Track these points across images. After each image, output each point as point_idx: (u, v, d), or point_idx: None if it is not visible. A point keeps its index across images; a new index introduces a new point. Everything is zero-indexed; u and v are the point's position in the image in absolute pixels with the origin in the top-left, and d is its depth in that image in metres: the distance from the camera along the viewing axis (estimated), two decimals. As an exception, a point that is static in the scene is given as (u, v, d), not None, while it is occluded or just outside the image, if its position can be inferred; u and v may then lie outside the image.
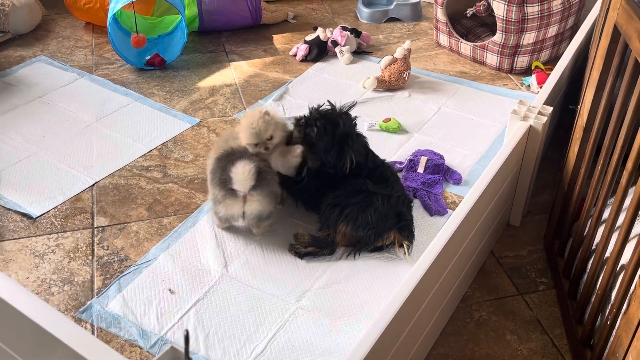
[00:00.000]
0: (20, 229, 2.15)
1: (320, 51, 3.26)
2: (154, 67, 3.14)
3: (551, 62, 3.09)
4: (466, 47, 3.25)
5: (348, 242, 2.03)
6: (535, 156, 2.08)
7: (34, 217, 2.20)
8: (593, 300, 1.67)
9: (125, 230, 2.16)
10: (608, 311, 1.56)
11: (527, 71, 3.14)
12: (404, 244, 2.00)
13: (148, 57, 3.15)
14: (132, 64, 3.14)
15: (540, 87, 2.80)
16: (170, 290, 1.92)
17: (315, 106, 2.12)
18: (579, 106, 1.95)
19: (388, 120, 2.69)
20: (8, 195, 2.29)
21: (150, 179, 2.39)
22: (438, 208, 2.25)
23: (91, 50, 3.33)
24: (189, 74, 3.12)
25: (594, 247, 1.78)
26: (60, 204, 2.26)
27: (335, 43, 3.26)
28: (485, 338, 1.84)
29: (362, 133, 2.18)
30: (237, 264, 2.01)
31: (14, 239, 2.11)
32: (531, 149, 2.07)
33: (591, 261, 1.74)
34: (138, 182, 2.38)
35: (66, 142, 2.58)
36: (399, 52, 2.95)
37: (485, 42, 3.15)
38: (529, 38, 3.02)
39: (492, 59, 3.15)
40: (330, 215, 2.04)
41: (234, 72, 3.15)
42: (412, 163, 2.44)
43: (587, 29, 2.54)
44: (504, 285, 2.02)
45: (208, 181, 2.08)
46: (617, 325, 1.47)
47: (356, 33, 3.34)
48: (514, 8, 2.91)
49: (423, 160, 2.41)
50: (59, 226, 2.17)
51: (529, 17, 2.94)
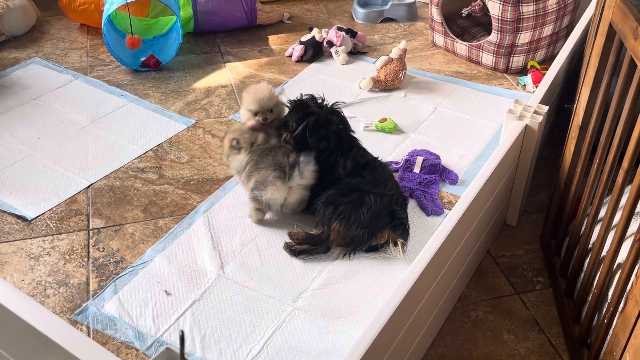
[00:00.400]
0: (15, 231, 2.14)
1: (315, 52, 3.26)
2: (149, 69, 3.13)
3: (547, 62, 3.09)
4: (462, 47, 3.25)
5: (342, 241, 2.03)
6: (531, 155, 2.08)
7: (29, 219, 2.19)
8: (590, 299, 1.67)
9: (120, 231, 2.15)
10: (605, 310, 1.56)
11: (523, 71, 3.14)
12: (398, 242, 2.00)
13: (143, 59, 3.15)
14: (127, 66, 3.13)
15: (536, 87, 2.80)
16: (166, 291, 1.91)
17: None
18: (575, 105, 1.95)
19: (384, 120, 2.69)
20: (3, 197, 2.28)
21: (145, 181, 2.39)
22: (434, 208, 2.25)
23: (86, 51, 3.32)
24: (184, 75, 3.11)
25: (591, 246, 1.78)
26: (55, 206, 2.25)
27: (330, 43, 3.26)
28: (482, 338, 1.83)
29: (353, 130, 2.24)
30: (233, 265, 2.01)
31: (9, 241, 2.10)
32: (527, 149, 2.07)
33: (588, 260, 1.74)
34: (133, 184, 2.37)
35: (61, 144, 2.58)
36: (395, 52, 2.95)
37: (480, 42, 3.15)
38: (525, 37, 3.02)
39: (488, 59, 3.15)
40: (324, 213, 2.04)
41: (230, 73, 3.14)
42: (409, 163, 2.43)
43: (583, 28, 2.54)
44: (501, 284, 2.01)
45: (245, 172, 2.12)
46: (614, 323, 1.47)
47: (352, 33, 3.34)
48: (509, 7, 2.91)
49: (419, 160, 2.41)
50: (54, 228, 2.16)
51: (524, 17, 2.94)
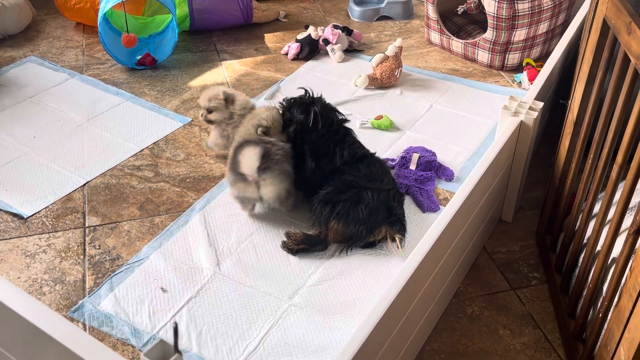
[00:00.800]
0: (11, 229, 2.14)
1: (311, 50, 3.26)
2: (145, 67, 3.13)
3: (542, 59, 3.10)
4: (457, 45, 3.25)
5: (340, 239, 2.03)
6: (526, 151, 2.09)
7: (25, 217, 2.19)
8: (585, 294, 1.68)
9: (116, 229, 2.15)
10: (600, 304, 1.56)
11: (518, 68, 3.15)
12: (396, 238, 2.00)
13: (139, 57, 3.15)
14: (123, 64, 3.13)
15: (531, 84, 2.80)
16: (162, 288, 1.91)
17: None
18: (570, 101, 1.95)
19: (380, 117, 2.69)
20: (-1, 195, 2.28)
21: (141, 178, 2.39)
22: (430, 205, 2.25)
23: (82, 50, 3.32)
24: (180, 74, 3.11)
25: (585, 242, 1.79)
26: (51, 204, 2.25)
27: (326, 41, 3.26)
28: (478, 333, 1.84)
29: (351, 129, 2.27)
30: (230, 262, 2.01)
31: (5, 239, 2.10)
32: (522, 145, 2.07)
33: (582, 255, 1.74)
34: (129, 182, 2.37)
35: (57, 142, 2.57)
36: (391, 50, 2.96)
37: (476, 40, 3.16)
38: (520, 35, 3.03)
39: (483, 56, 3.16)
40: (322, 212, 2.04)
41: (226, 71, 3.14)
42: (404, 160, 2.44)
43: (578, 25, 2.55)
44: (497, 280, 2.02)
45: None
46: (609, 318, 1.48)
47: (347, 31, 3.34)
48: (505, 5, 2.92)
49: (415, 157, 2.41)
50: (50, 226, 2.16)
51: (520, 14, 2.95)
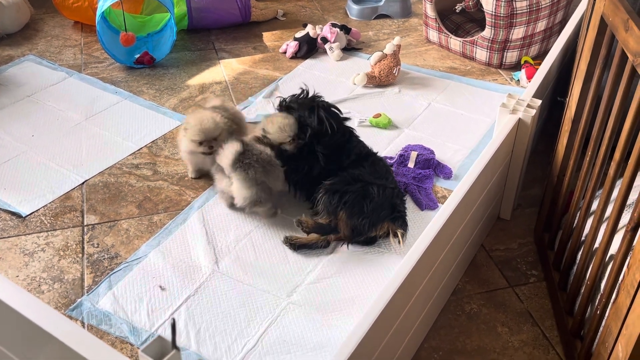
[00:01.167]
0: (9, 228, 2.14)
1: (310, 48, 3.26)
2: (144, 66, 3.13)
3: (540, 57, 3.09)
4: (456, 43, 3.25)
5: (345, 229, 2.04)
6: (524, 149, 2.09)
7: (24, 216, 2.19)
8: (583, 291, 1.68)
9: (115, 227, 2.15)
10: (597, 301, 1.56)
11: (517, 66, 3.15)
12: (398, 232, 2.01)
13: (137, 56, 3.15)
14: (122, 63, 3.13)
15: (529, 82, 2.81)
16: (160, 287, 1.91)
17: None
18: (568, 98, 1.95)
19: (378, 115, 2.69)
20: (-3, 194, 2.28)
21: (140, 177, 2.39)
22: (429, 202, 2.25)
23: (80, 49, 3.32)
24: (179, 72, 3.11)
25: (583, 239, 1.79)
26: (49, 203, 2.25)
27: (325, 40, 3.26)
28: (476, 330, 1.84)
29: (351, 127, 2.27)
30: (228, 260, 2.01)
31: (3, 238, 2.10)
32: (520, 142, 2.07)
33: (580, 252, 1.75)
34: (128, 180, 2.37)
35: (55, 141, 2.57)
36: (389, 48, 2.96)
37: (474, 38, 3.16)
38: (518, 33, 3.03)
39: (482, 54, 3.16)
40: (330, 201, 2.05)
41: (224, 70, 3.14)
42: (403, 158, 2.44)
43: (576, 23, 2.55)
44: (495, 278, 2.02)
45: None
46: (607, 315, 1.48)
47: (346, 30, 3.35)
48: (503, 3, 2.92)
49: (413, 155, 2.42)
50: (49, 224, 2.16)
51: (518, 12, 2.95)
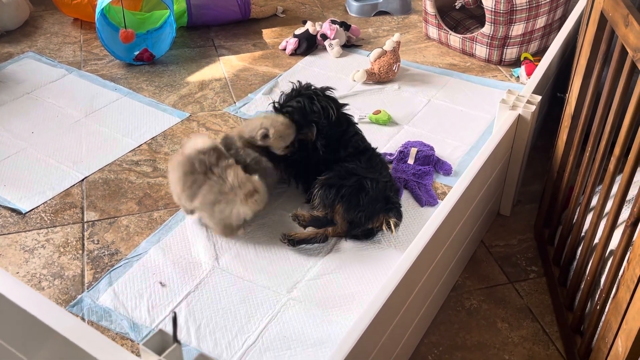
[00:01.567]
0: (9, 224, 2.14)
1: (309, 45, 3.26)
2: (143, 62, 3.13)
3: (540, 54, 3.09)
4: (455, 39, 3.25)
5: (342, 222, 2.04)
6: (524, 145, 2.09)
7: (24, 213, 2.19)
8: (583, 286, 1.68)
9: (115, 224, 2.15)
10: (597, 296, 1.57)
11: (516, 62, 3.15)
12: (391, 222, 2.02)
13: (137, 53, 3.15)
14: (121, 60, 3.12)
15: (529, 78, 2.80)
16: (161, 283, 1.91)
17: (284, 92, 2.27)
18: (567, 94, 1.96)
19: (378, 112, 2.69)
20: (-3, 191, 2.28)
21: (140, 174, 2.39)
22: (428, 199, 2.25)
23: (80, 46, 3.31)
24: (178, 69, 3.11)
25: (583, 234, 1.79)
26: (49, 199, 2.25)
27: (324, 36, 3.26)
28: (476, 326, 1.84)
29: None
30: (228, 257, 2.01)
31: (3, 235, 2.10)
32: (520, 138, 2.07)
33: (580, 248, 1.75)
34: (128, 177, 2.37)
35: (55, 138, 2.57)
36: (389, 45, 2.96)
37: (474, 34, 3.15)
38: (518, 29, 3.03)
39: (481, 51, 3.16)
40: (327, 195, 2.05)
41: (224, 67, 3.14)
42: (402, 154, 2.44)
43: (576, 19, 2.55)
44: (495, 273, 2.02)
45: None
46: (607, 310, 1.48)
47: (345, 26, 3.34)
48: (503, -1, 2.92)
49: (413, 151, 2.42)
50: (49, 221, 2.16)
51: (518, 9, 2.95)
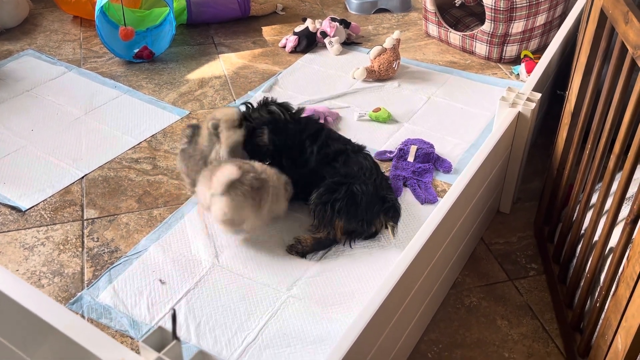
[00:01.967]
0: (9, 222, 2.14)
1: (309, 42, 3.26)
2: (143, 60, 3.13)
3: (540, 51, 3.09)
4: (455, 37, 3.25)
5: (341, 235, 2.03)
6: (524, 143, 2.09)
7: (23, 210, 2.19)
8: (582, 284, 1.68)
9: (115, 222, 2.15)
10: (597, 294, 1.57)
11: (516, 60, 3.15)
12: (389, 225, 2.01)
13: (136, 50, 3.14)
14: (121, 57, 3.12)
15: (529, 76, 2.80)
16: (160, 280, 1.91)
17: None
18: (567, 92, 1.95)
19: (378, 110, 2.69)
20: (-3, 188, 2.28)
21: (139, 171, 2.39)
22: (428, 196, 2.25)
23: (79, 43, 3.31)
24: (178, 67, 3.11)
25: (583, 232, 1.79)
26: (49, 197, 2.25)
27: (324, 34, 3.26)
28: (476, 323, 1.84)
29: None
30: (228, 254, 2.01)
31: (3, 232, 2.10)
32: (520, 136, 2.07)
33: (580, 245, 1.75)
34: (128, 174, 2.37)
35: (55, 136, 2.57)
36: (388, 43, 2.95)
37: (474, 32, 3.15)
38: (518, 27, 3.03)
39: (481, 49, 3.15)
40: (324, 214, 2.02)
41: (223, 64, 3.14)
42: (402, 152, 2.44)
43: (576, 17, 2.54)
44: (495, 271, 2.02)
45: None
46: (606, 307, 1.48)
47: (345, 24, 3.34)
48: (503, -3, 2.92)
49: (413, 149, 2.42)
50: (49, 219, 2.16)
51: (518, 6, 2.95)
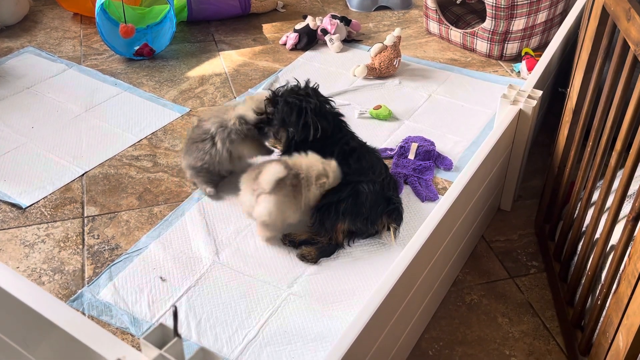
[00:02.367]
0: (9, 219, 2.14)
1: (310, 40, 3.25)
2: (143, 57, 3.12)
3: (541, 49, 3.08)
4: (456, 34, 3.25)
5: (341, 236, 2.02)
6: (525, 140, 2.08)
7: (24, 207, 2.18)
8: (583, 281, 1.68)
9: (115, 219, 2.15)
10: (598, 292, 1.57)
11: (517, 57, 3.14)
12: (391, 227, 2.01)
13: (137, 47, 3.14)
14: (121, 54, 3.12)
15: (530, 73, 2.80)
16: (161, 278, 1.91)
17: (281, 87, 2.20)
18: (569, 89, 1.95)
19: (379, 107, 2.69)
20: (-3, 186, 2.28)
21: (140, 168, 2.38)
22: (429, 194, 2.25)
23: (79, 41, 3.31)
24: (178, 64, 3.11)
25: (584, 229, 1.79)
26: (49, 194, 2.24)
27: (325, 31, 3.25)
28: (477, 321, 1.84)
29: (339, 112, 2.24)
30: (229, 252, 2.01)
31: (4, 229, 2.10)
32: (521, 133, 2.07)
33: (581, 243, 1.75)
34: (128, 172, 2.37)
35: (55, 133, 2.57)
36: (389, 40, 2.95)
37: (475, 29, 3.15)
38: (519, 24, 3.02)
39: (482, 46, 3.15)
40: (326, 218, 1.98)
41: (224, 62, 3.13)
42: (403, 150, 2.44)
43: (577, 14, 2.54)
44: (495, 269, 2.02)
45: None
46: (608, 305, 1.48)
47: (346, 21, 3.34)
48: (504, -6, 2.91)
49: (414, 146, 2.41)
50: (49, 216, 2.16)
51: (519, 3, 2.94)
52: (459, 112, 2.73)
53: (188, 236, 2.07)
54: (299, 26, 3.30)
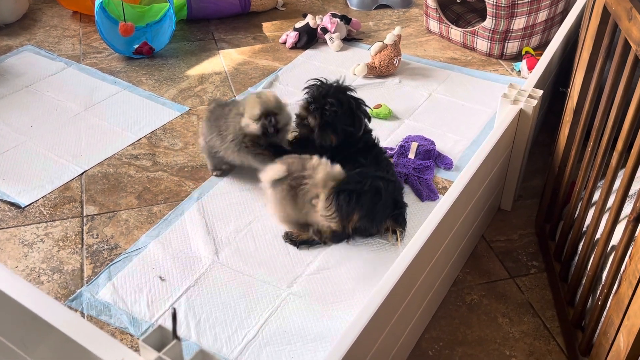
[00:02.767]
0: (8, 219, 2.13)
1: (310, 38, 3.24)
2: (143, 56, 3.12)
3: (541, 48, 3.08)
4: (456, 33, 3.24)
5: (350, 230, 2.01)
6: (525, 140, 2.08)
7: (23, 207, 2.18)
8: (584, 281, 1.68)
9: (114, 218, 2.14)
10: (599, 292, 1.56)
11: (518, 56, 3.14)
12: (397, 231, 2.00)
13: (136, 46, 3.13)
14: (121, 53, 3.11)
15: (530, 73, 2.79)
16: (160, 277, 1.91)
17: (311, 87, 2.19)
18: (569, 88, 1.94)
19: (379, 106, 2.68)
20: (-4, 184, 2.27)
21: (139, 168, 2.38)
22: (429, 193, 2.25)
23: (79, 39, 3.30)
24: (178, 62, 3.10)
25: (585, 229, 1.79)
26: (48, 193, 2.24)
27: (325, 30, 3.25)
28: (477, 321, 1.84)
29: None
30: (228, 251, 2.00)
31: (2, 229, 2.09)
32: (522, 133, 2.06)
33: (582, 243, 1.74)
34: (127, 171, 2.36)
35: (54, 132, 2.56)
36: (389, 39, 2.94)
37: (475, 28, 3.14)
38: (519, 23, 3.01)
39: (483, 45, 3.14)
40: (345, 203, 1.93)
41: (223, 60, 3.13)
42: (403, 149, 2.43)
43: (577, 13, 2.53)
44: (496, 269, 2.02)
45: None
46: (608, 305, 1.48)
47: (346, 20, 3.33)
48: (504, -7, 2.90)
49: (414, 146, 2.41)
50: (48, 215, 2.15)
51: (519, 2, 2.94)
52: (459, 111, 2.72)
53: (187, 236, 2.06)
54: (299, 25, 3.29)
